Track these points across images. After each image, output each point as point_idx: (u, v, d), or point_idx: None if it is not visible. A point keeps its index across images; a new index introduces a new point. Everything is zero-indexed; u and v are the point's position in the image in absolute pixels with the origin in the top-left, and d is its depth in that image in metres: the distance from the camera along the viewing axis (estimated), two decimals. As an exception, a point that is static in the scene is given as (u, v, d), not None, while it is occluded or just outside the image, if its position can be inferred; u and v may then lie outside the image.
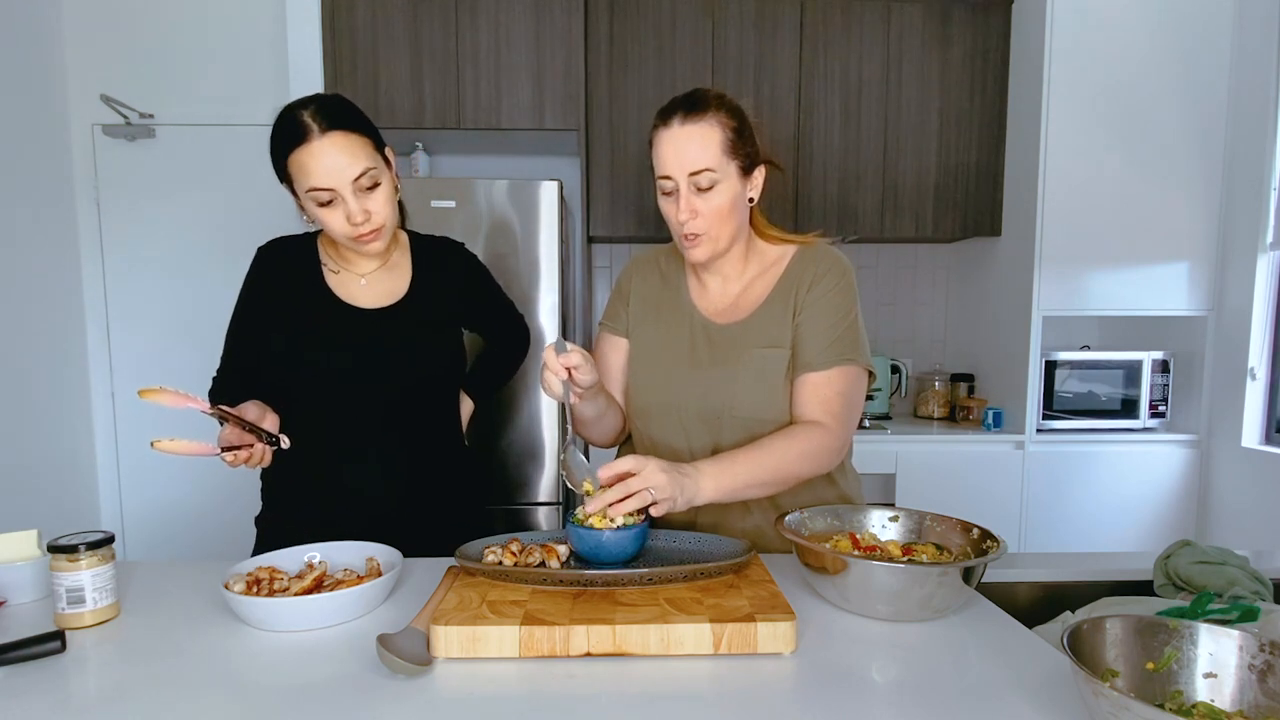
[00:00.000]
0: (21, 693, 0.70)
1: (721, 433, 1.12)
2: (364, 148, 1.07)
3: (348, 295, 1.19)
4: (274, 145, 1.08)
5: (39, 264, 2.58)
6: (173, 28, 2.72)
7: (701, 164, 1.03)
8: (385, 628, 0.82)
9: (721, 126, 1.04)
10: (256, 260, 1.22)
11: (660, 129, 1.05)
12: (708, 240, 1.08)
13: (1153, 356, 2.65)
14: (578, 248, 2.90)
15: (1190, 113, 2.51)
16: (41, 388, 2.59)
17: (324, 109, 1.06)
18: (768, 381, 1.10)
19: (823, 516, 1.02)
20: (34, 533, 0.96)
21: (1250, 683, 0.64)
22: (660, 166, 1.06)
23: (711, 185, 1.04)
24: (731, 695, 0.69)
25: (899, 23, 2.68)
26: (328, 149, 1.04)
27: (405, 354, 1.18)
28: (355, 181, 1.06)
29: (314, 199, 1.06)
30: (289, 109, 1.06)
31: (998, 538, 0.90)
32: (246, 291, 1.22)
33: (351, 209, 1.06)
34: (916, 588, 0.82)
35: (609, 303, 1.26)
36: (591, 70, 2.62)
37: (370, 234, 1.10)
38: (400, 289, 1.22)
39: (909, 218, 2.76)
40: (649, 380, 1.17)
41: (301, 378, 1.16)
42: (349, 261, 1.21)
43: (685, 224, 1.06)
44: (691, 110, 1.03)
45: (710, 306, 1.18)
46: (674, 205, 1.06)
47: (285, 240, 1.25)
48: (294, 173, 1.06)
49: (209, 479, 2.86)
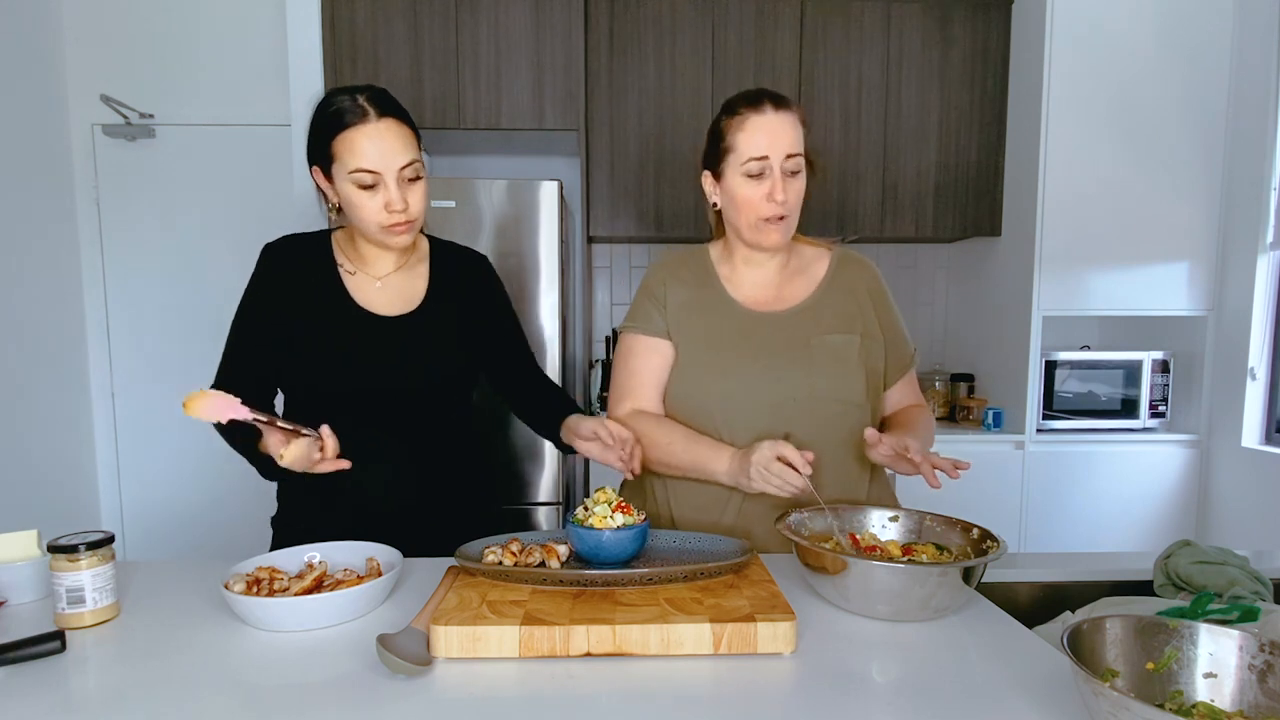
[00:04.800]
0: (21, 693, 0.70)
1: (790, 416, 1.14)
2: (412, 140, 1.09)
3: (364, 299, 1.17)
4: (322, 124, 1.07)
5: (39, 264, 2.58)
6: (173, 28, 2.72)
7: (796, 148, 1.10)
8: (385, 628, 0.82)
9: (800, 123, 1.12)
10: (265, 258, 1.18)
11: (748, 114, 1.11)
12: (787, 225, 1.13)
13: (1153, 356, 2.65)
14: (578, 248, 2.90)
15: (1190, 113, 2.50)
16: (41, 388, 2.59)
17: (377, 96, 1.07)
18: (847, 364, 1.15)
19: (823, 516, 1.02)
20: (34, 533, 0.95)
21: (1250, 683, 0.64)
22: (753, 148, 1.10)
23: (797, 171, 1.11)
24: (731, 695, 0.69)
25: (899, 23, 2.68)
26: (383, 132, 1.05)
27: (419, 363, 1.16)
28: (401, 170, 1.07)
29: (356, 180, 1.06)
30: (341, 91, 1.07)
31: (998, 538, 0.90)
32: (254, 291, 1.17)
33: (392, 196, 1.06)
34: (917, 587, 0.82)
35: (637, 305, 1.25)
36: (591, 70, 2.62)
37: (403, 225, 1.09)
38: (416, 295, 1.20)
39: (909, 218, 2.76)
40: (706, 374, 1.17)
41: (310, 382, 1.14)
42: (366, 262, 1.18)
43: (780, 204, 1.11)
44: (779, 101, 1.11)
45: (749, 298, 1.20)
46: (763, 187, 1.11)
47: (295, 238, 1.21)
48: (340, 152, 1.05)
49: (209, 479, 2.86)
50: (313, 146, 1.10)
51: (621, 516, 0.94)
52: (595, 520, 0.94)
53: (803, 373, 1.14)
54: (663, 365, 1.21)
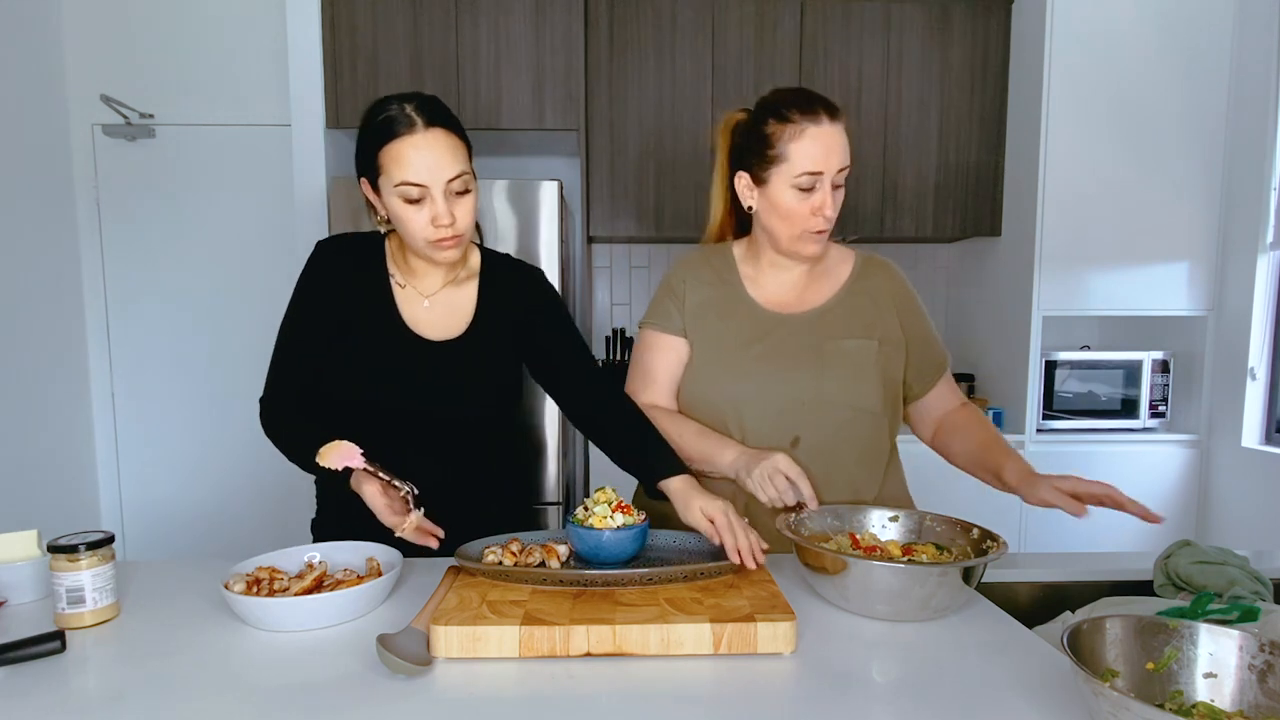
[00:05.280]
0: (21, 693, 0.70)
1: (799, 420, 1.13)
2: (461, 151, 1.05)
3: (411, 318, 1.13)
4: (368, 135, 1.04)
5: (39, 264, 2.58)
6: (173, 28, 2.72)
7: (847, 160, 1.09)
8: (385, 628, 0.82)
9: (846, 130, 1.09)
10: (320, 260, 1.13)
11: (804, 124, 1.07)
12: (826, 237, 1.13)
13: (1153, 356, 2.65)
14: (578, 248, 2.90)
15: (1190, 113, 2.50)
16: (41, 387, 2.59)
17: (426, 105, 1.03)
18: (861, 370, 1.14)
19: (822, 516, 1.02)
20: (34, 533, 0.96)
21: (1250, 683, 0.64)
22: (809, 162, 1.07)
23: (842, 185, 1.10)
24: (731, 695, 0.69)
25: (899, 23, 2.68)
26: (430, 143, 1.01)
27: (461, 390, 1.14)
28: (449, 183, 1.02)
29: (402, 194, 1.02)
30: (389, 99, 1.04)
31: (998, 537, 0.90)
32: (307, 293, 1.12)
33: (439, 210, 1.02)
34: (917, 587, 0.82)
35: (657, 302, 1.25)
36: (591, 70, 2.62)
37: (451, 240, 1.05)
38: (464, 315, 1.16)
39: (909, 218, 2.76)
40: (719, 373, 1.17)
41: (346, 395, 1.11)
42: (415, 275, 1.14)
43: (827, 219, 1.09)
44: (834, 112, 1.09)
45: (770, 299, 1.20)
46: (812, 200, 1.09)
47: (350, 241, 1.16)
48: (387, 165, 1.02)
49: (209, 479, 2.87)
50: (360, 158, 1.06)
51: (622, 516, 0.94)
52: (595, 520, 0.94)
53: (813, 376, 1.14)
54: (677, 363, 1.22)
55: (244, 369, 2.80)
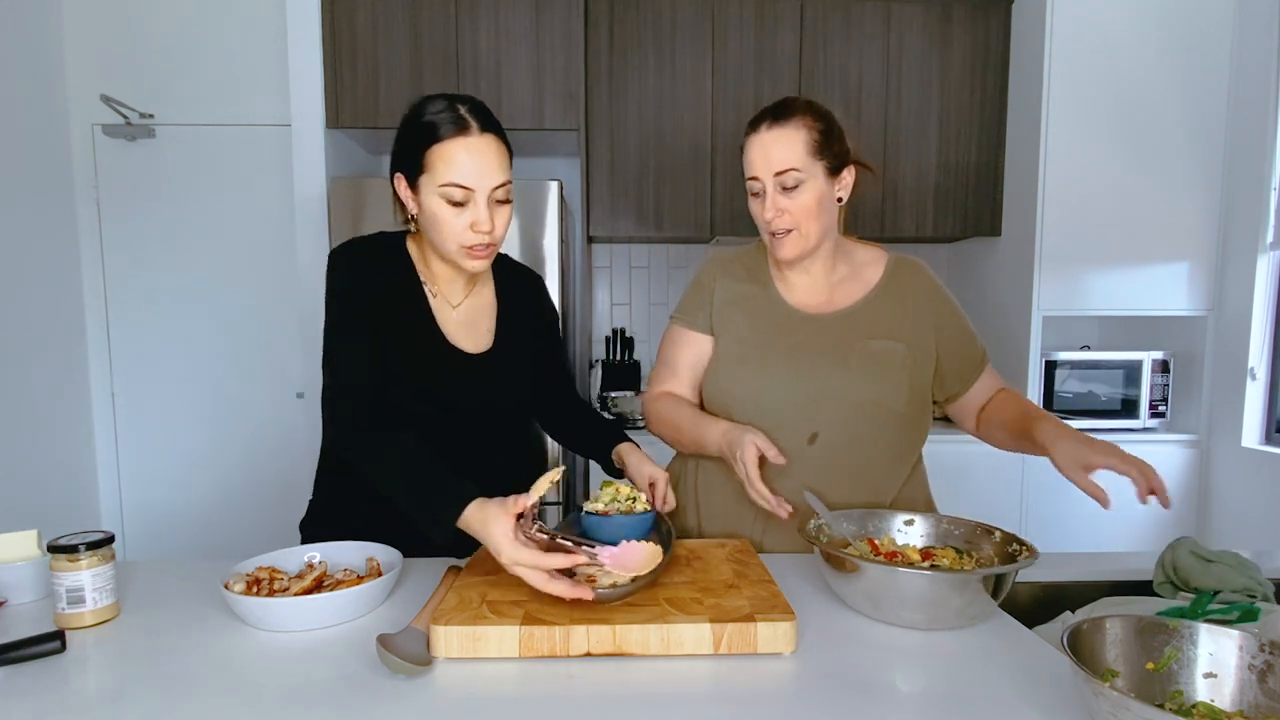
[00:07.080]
0: (21, 693, 0.70)
1: (820, 416, 1.14)
2: (508, 160, 1.05)
3: (447, 328, 1.12)
4: (416, 131, 1.01)
5: (39, 264, 2.58)
6: (173, 28, 2.72)
7: (786, 164, 1.09)
8: (385, 628, 0.82)
9: (807, 129, 1.10)
10: (350, 262, 1.08)
11: (749, 135, 1.13)
12: (797, 237, 1.13)
13: (1153, 356, 2.64)
14: (578, 248, 2.90)
15: (1190, 113, 2.50)
16: (41, 388, 2.59)
17: (479, 110, 1.03)
18: (887, 370, 1.14)
19: (839, 521, 1.01)
20: (34, 533, 0.96)
21: (1250, 683, 0.64)
22: (748, 168, 1.13)
23: (797, 184, 1.10)
24: (731, 695, 0.69)
25: (899, 23, 2.68)
26: (482, 148, 1.01)
27: (489, 398, 1.15)
28: (493, 190, 1.02)
29: (446, 195, 1.00)
30: (438, 98, 1.02)
31: (1025, 542, 0.89)
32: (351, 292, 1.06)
33: (480, 216, 1.01)
34: (955, 596, 0.80)
35: (687, 297, 1.27)
36: (591, 70, 2.62)
37: (485, 249, 1.04)
38: (488, 326, 1.17)
39: (909, 217, 2.76)
40: (741, 369, 1.18)
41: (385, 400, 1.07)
42: (439, 282, 1.13)
43: (771, 221, 1.12)
44: (778, 116, 1.11)
45: (800, 299, 1.21)
46: (760, 205, 1.13)
47: (373, 248, 1.11)
48: (434, 163, 1.00)
49: (209, 479, 2.87)
50: (401, 154, 1.04)
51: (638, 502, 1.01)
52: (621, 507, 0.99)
53: (837, 374, 1.14)
54: (699, 359, 1.24)
55: (244, 369, 2.81)
